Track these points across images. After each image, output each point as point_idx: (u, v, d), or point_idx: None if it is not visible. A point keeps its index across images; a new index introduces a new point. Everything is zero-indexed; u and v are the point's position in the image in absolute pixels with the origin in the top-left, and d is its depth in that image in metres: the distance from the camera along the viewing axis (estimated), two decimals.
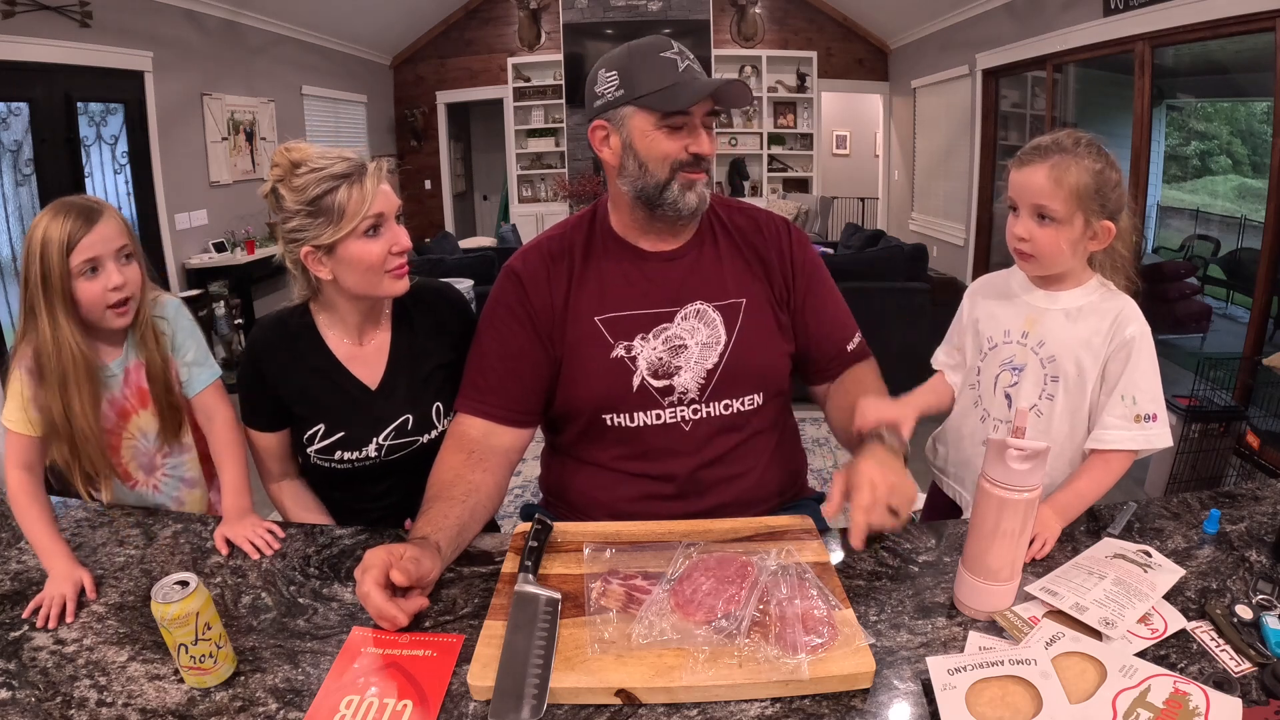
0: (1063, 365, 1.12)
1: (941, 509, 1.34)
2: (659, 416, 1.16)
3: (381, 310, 1.25)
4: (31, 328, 1.08)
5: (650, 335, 1.15)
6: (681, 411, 1.16)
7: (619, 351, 1.14)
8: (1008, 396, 1.17)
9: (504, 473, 1.15)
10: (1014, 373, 1.16)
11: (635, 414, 1.15)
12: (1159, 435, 1.08)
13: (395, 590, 0.86)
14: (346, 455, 1.20)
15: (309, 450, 1.21)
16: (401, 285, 1.16)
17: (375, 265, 1.12)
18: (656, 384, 1.15)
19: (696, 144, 1.09)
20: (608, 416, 1.16)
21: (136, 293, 1.14)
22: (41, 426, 1.10)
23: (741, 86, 1.09)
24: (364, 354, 1.23)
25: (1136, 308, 1.11)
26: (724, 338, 1.16)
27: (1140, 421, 1.08)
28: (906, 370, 1.47)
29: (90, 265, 1.07)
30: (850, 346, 1.26)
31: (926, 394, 1.26)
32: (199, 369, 1.23)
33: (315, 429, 1.20)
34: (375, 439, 1.20)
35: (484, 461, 1.11)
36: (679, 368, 1.15)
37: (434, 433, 1.23)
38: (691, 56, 1.10)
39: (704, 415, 1.16)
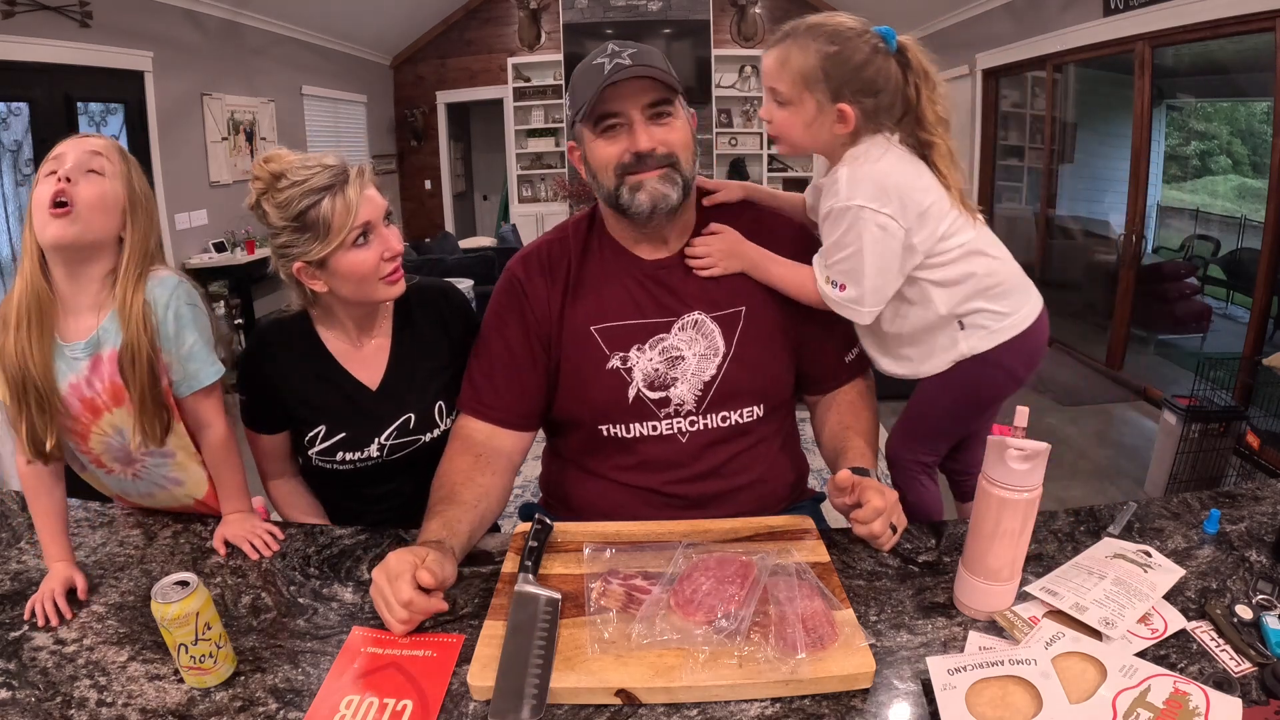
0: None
1: None
2: (655, 428, 1.14)
3: (381, 312, 1.24)
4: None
5: (646, 346, 1.13)
6: (678, 423, 1.14)
7: (614, 363, 1.12)
8: None
9: (509, 475, 1.15)
10: None
11: (631, 425, 1.14)
12: (846, 301, 1.06)
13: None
14: (348, 456, 1.20)
15: (310, 453, 1.21)
16: (397, 289, 1.15)
17: (369, 274, 1.10)
18: (652, 396, 1.13)
19: (634, 143, 1.05)
20: (604, 427, 1.15)
21: (91, 199, 0.98)
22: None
23: (642, 69, 1.00)
24: (363, 355, 1.22)
25: (847, 177, 1.03)
26: (722, 348, 1.13)
27: (831, 285, 1.07)
28: None
29: (49, 170, 0.97)
30: (849, 358, 1.21)
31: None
32: (195, 365, 1.07)
33: (316, 431, 1.19)
34: (377, 439, 1.20)
35: (491, 464, 1.11)
36: (675, 379, 1.12)
37: (436, 431, 1.23)
38: (630, 52, 1.03)
39: (701, 427, 1.14)
